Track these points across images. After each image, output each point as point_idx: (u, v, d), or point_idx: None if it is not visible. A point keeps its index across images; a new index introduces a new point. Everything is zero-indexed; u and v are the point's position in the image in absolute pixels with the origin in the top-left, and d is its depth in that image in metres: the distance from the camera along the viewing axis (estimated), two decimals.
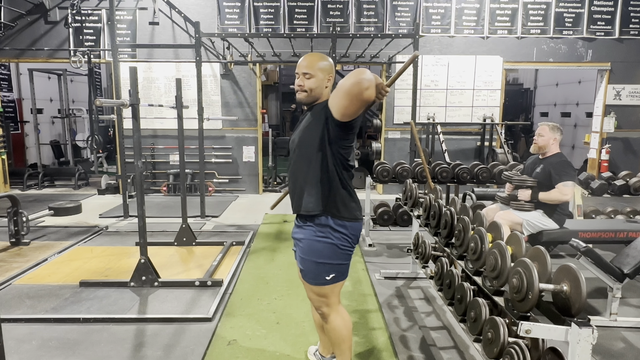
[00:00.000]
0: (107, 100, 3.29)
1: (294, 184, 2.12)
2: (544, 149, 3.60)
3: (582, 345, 1.50)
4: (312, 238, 2.07)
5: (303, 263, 2.13)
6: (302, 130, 2.08)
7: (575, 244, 2.89)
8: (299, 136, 2.08)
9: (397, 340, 2.78)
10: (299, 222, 2.17)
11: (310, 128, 2.02)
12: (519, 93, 12.05)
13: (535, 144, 3.65)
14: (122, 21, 7.21)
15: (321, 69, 2.01)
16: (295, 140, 2.10)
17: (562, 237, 3.62)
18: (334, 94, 1.88)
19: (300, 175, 2.07)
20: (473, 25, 7.30)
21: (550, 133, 3.57)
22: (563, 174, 3.42)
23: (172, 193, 7.40)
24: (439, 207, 2.88)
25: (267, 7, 7.21)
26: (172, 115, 6.97)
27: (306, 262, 2.11)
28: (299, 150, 2.07)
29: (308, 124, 2.05)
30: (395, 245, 4.79)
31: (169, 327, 2.96)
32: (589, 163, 7.97)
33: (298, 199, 2.10)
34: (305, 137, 2.05)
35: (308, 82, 2.01)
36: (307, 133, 2.04)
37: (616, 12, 7.30)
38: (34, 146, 8.68)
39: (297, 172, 2.09)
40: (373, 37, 6.55)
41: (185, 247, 4.59)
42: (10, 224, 4.52)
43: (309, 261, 2.09)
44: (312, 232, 2.07)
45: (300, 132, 2.09)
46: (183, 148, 4.63)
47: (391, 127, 7.54)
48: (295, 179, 2.10)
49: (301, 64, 2.03)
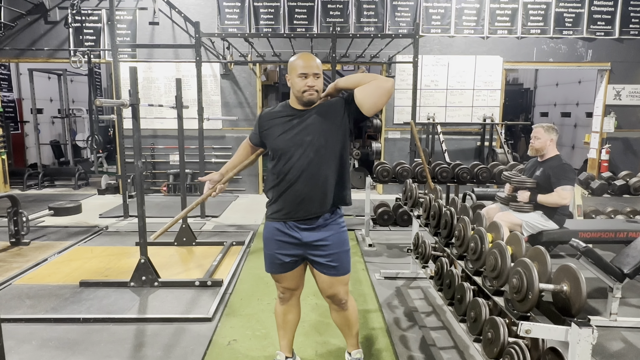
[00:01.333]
0: (107, 100, 3.30)
1: (315, 185, 2.06)
2: (542, 151, 3.58)
3: (582, 345, 1.50)
4: (339, 231, 2.17)
5: (336, 258, 2.15)
6: (320, 130, 2.05)
7: (575, 244, 2.89)
8: (318, 137, 2.04)
9: (397, 340, 2.78)
10: (315, 222, 2.11)
11: (330, 126, 2.06)
12: (519, 93, 12.05)
13: (532, 147, 3.62)
14: (122, 21, 7.21)
15: (321, 69, 2.09)
16: (314, 141, 2.04)
17: (562, 237, 3.62)
18: (367, 92, 2.01)
19: (328, 173, 2.07)
20: (473, 25, 7.30)
21: (546, 134, 3.55)
22: (562, 178, 3.41)
23: (172, 193, 7.40)
24: (439, 207, 2.88)
25: (267, 7, 7.21)
26: (172, 115, 6.97)
27: (340, 255, 2.16)
28: (324, 151, 2.05)
29: (323, 122, 2.05)
30: (395, 245, 4.79)
31: (169, 327, 2.96)
32: (589, 163, 7.97)
33: (323, 198, 2.08)
34: (328, 135, 2.05)
35: (318, 82, 2.05)
36: (328, 132, 2.05)
37: (616, 12, 7.30)
38: (34, 146, 8.68)
39: (321, 172, 2.06)
40: (373, 37, 6.55)
41: (185, 247, 4.59)
42: (10, 224, 4.52)
43: (342, 252, 2.17)
44: (338, 226, 2.17)
45: (317, 133, 2.05)
46: (183, 148, 4.63)
47: (391, 127, 7.54)
48: (318, 179, 2.06)
49: (311, 65, 2.02)
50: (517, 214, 3.55)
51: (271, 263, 2.23)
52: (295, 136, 2.07)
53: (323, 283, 2.22)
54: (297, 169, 2.06)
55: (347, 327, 2.37)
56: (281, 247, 2.16)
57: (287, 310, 2.37)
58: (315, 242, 2.12)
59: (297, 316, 2.42)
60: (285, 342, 2.43)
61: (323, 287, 2.24)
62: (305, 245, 2.14)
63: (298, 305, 2.41)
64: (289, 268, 2.22)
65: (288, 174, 2.07)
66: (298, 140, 2.06)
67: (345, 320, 2.35)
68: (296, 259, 2.19)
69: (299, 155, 2.05)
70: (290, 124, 2.09)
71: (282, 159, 2.09)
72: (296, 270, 2.24)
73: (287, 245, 2.15)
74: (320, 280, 2.22)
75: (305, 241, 2.12)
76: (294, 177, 2.06)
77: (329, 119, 2.06)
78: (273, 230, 2.18)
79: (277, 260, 2.20)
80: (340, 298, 2.25)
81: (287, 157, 2.07)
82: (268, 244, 2.22)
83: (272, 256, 2.21)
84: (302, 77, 2.02)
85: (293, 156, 2.06)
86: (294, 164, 2.06)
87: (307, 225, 2.12)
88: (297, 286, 2.32)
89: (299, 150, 2.05)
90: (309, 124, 2.07)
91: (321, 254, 2.14)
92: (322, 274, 2.19)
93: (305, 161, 2.05)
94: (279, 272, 2.24)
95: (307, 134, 2.06)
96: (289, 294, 2.32)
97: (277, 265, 2.21)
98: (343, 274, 2.20)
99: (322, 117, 2.06)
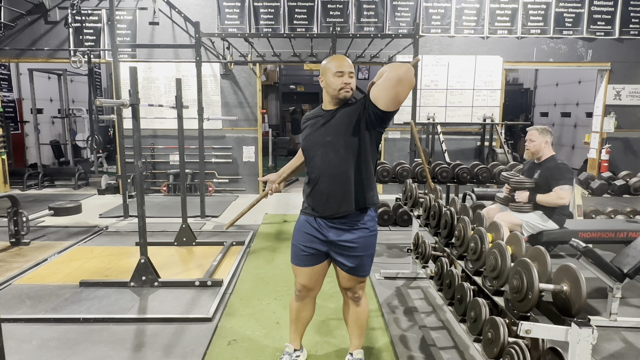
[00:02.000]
0: (107, 100, 3.30)
1: (337, 184, 2.10)
2: (538, 154, 3.59)
3: (582, 345, 1.50)
4: (367, 235, 2.19)
5: (359, 262, 2.19)
6: (339, 130, 2.09)
7: (575, 244, 2.89)
8: (337, 137, 2.08)
9: (397, 341, 2.78)
10: (344, 223, 2.15)
11: (348, 125, 2.08)
12: (519, 93, 12.06)
13: (528, 150, 3.62)
14: (122, 21, 7.21)
15: (354, 69, 2.17)
16: (333, 141, 2.08)
17: (562, 237, 3.62)
18: (378, 86, 1.97)
19: (350, 172, 2.09)
20: (473, 25, 7.30)
21: (541, 137, 3.55)
22: (560, 178, 3.41)
23: (172, 193, 7.40)
24: (439, 207, 2.88)
25: (267, 7, 7.21)
26: (172, 115, 6.97)
27: (364, 259, 2.20)
28: (343, 151, 2.08)
29: (343, 122, 2.09)
30: (395, 245, 4.79)
31: (169, 327, 2.96)
32: (589, 163, 7.97)
33: (346, 198, 2.11)
34: (347, 135, 2.08)
35: (353, 81, 2.12)
36: (346, 131, 2.08)
37: (616, 12, 7.30)
38: (34, 146, 8.68)
39: (342, 171, 2.09)
40: (373, 37, 6.55)
41: (185, 247, 4.59)
42: (10, 224, 4.52)
43: (366, 256, 2.21)
44: (367, 230, 2.18)
45: (337, 133, 2.09)
46: (183, 148, 4.62)
47: (391, 127, 7.54)
48: (339, 178, 2.09)
49: (345, 64, 2.09)
50: (517, 214, 3.55)
51: (295, 254, 2.29)
52: (319, 137, 2.15)
53: (342, 277, 2.29)
54: (319, 168, 2.14)
55: (356, 324, 2.40)
56: (307, 240, 2.23)
57: (301, 307, 2.42)
58: (341, 242, 2.17)
59: (311, 314, 2.47)
60: (295, 335, 2.50)
61: (342, 281, 2.31)
62: (331, 244, 2.19)
63: (313, 305, 2.45)
64: (310, 262, 2.26)
65: (312, 173, 2.17)
66: (320, 141, 2.13)
67: (356, 317, 2.38)
68: (319, 253, 2.23)
69: (321, 155, 2.13)
70: (317, 125, 2.17)
71: (307, 158, 2.21)
72: (316, 267, 2.28)
73: (313, 239, 2.21)
74: (340, 274, 2.28)
75: (331, 239, 2.17)
76: (317, 176, 2.15)
77: (348, 119, 2.10)
78: (303, 223, 2.25)
79: (301, 252, 2.26)
80: (356, 292, 2.31)
81: (311, 157, 2.17)
82: (296, 235, 2.29)
83: (297, 247, 2.28)
84: (339, 74, 2.08)
85: (316, 156, 2.15)
86: (316, 163, 2.14)
87: (335, 225, 2.16)
88: (314, 286, 2.35)
89: (320, 150, 2.13)
90: (332, 124, 2.12)
91: (345, 254, 2.19)
92: (342, 270, 2.25)
93: (326, 161, 2.11)
94: (300, 265, 2.28)
95: (328, 134, 2.11)
96: (305, 292, 2.36)
97: (300, 257, 2.27)
98: (363, 276, 2.27)
99: (343, 117, 2.11)
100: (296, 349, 2.51)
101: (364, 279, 2.30)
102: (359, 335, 2.43)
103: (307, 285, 2.33)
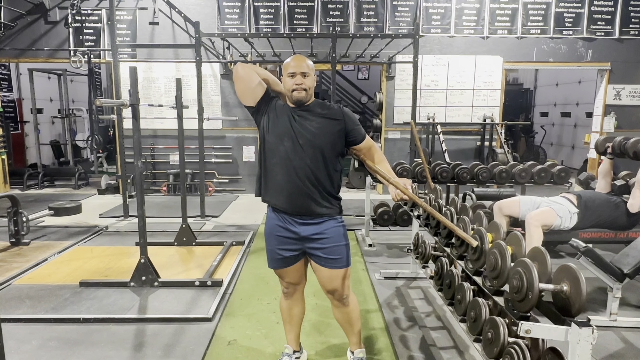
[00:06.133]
0: (107, 100, 3.30)
1: (306, 183, 2.11)
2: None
3: (582, 345, 1.50)
4: (335, 225, 2.20)
5: (335, 251, 2.19)
6: (321, 132, 2.13)
7: (575, 244, 2.89)
8: (317, 138, 2.11)
9: (397, 340, 2.78)
10: (310, 219, 2.16)
11: (330, 132, 2.14)
12: (519, 93, 12.06)
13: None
14: (122, 21, 7.21)
15: (312, 69, 2.17)
16: (312, 140, 2.11)
17: (562, 237, 3.62)
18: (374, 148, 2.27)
19: (319, 173, 2.12)
20: (473, 25, 7.30)
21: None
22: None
23: (172, 193, 7.40)
24: (439, 207, 2.88)
25: (267, 7, 7.21)
26: (172, 115, 6.97)
27: (340, 248, 2.20)
28: (317, 151, 2.11)
29: (324, 127, 2.14)
30: (395, 245, 4.79)
31: (169, 327, 2.96)
32: (589, 163, 7.97)
33: (312, 198, 2.13)
34: (327, 138, 2.13)
35: (307, 81, 2.12)
36: (327, 136, 2.13)
37: (616, 12, 7.30)
38: (34, 146, 8.68)
39: (313, 170, 2.11)
40: (373, 37, 6.55)
41: (185, 247, 4.59)
42: (10, 224, 4.52)
43: (342, 246, 2.21)
44: (334, 221, 2.20)
45: (319, 135, 2.12)
46: (183, 148, 4.62)
47: (391, 127, 7.54)
48: (309, 177, 2.11)
49: (299, 65, 2.13)
50: (555, 208, 3.56)
51: (272, 258, 2.29)
52: (299, 131, 2.18)
53: (323, 277, 2.25)
54: (291, 161, 2.19)
55: (348, 324, 2.40)
56: (280, 242, 2.23)
57: (291, 304, 2.43)
58: (308, 236, 2.18)
59: (302, 310, 2.48)
60: (292, 336, 2.50)
61: (323, 282, 2.27)
62: (304, 239, 2.20)
63: (302, 300, 2.46)
64: (290, 263, 2.27)
65: (276, 165, 2.25)
66: (305, 137, 2.17)
67: (346, 317, 2.38)
68: (296, 253, 2.24)
69: (297, 150, 2.17)
70: (286, 119, 2.20)
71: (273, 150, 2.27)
72: (297, 264, 2.29)
73: (286, 240, 2.22)
74: (321, 274, 2.25)
75: (303, 234, 2.18)
76: (291, 169, 2.21)
77: (328, 128, 2.16)
78: (273, 226, 2.25)
79: (277, 256, 2.26)
80: (341, 293, 2.29)
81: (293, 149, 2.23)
82: (269, 240, 2.29)
83: (272, 251, 2.28)
84: (290, 75, 2.12)
85: (293, 148, 2.19)
86: (290, 156, 2.20)
87: (299, 219, 2.18)
88: (299, 280, 2.37)
89: (300, 145, 2.17)
90: (313, 125, 2.17)
91: (319, 247, 2.18)
92: (322, 267, 2.22)
93: (302, 157, 2.16)
94: (280, 267, 2.29)
95: (309, 134, 2.16)
96: (292, 288, 2.38)
97: (277, 261, 2.27)
98: (342, 267, 2.23)
99: (324, 122, 2.16)
100: (295, 350, 2.51)
101: (345, 273, 2.26)
102: (355, 333, 2.43)
103: (292, 281, 2.35)
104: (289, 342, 2.52)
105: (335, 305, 2.37)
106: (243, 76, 2.15)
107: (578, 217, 3.60)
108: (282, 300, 2.45)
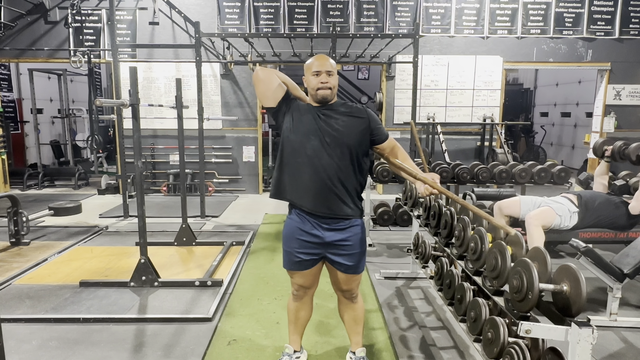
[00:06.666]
0: (107, 100, 3.29)
1: (333, 181, 2.10)
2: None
3: (582, 345, 1.50)
4: (358, 232, 2.22)
5: (353, 258, 2.21)
6: (348, 130, 2.12)
7: (575, 244, 2.89)
8: (344, 136, 2.10)
9: (397, 340, 2.78)
10: (335, 223, 2.15)
11: (356, 130, 2.14)
12: (519, 93, 12.06)
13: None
14: (122, 21, 7.21)
15: (335, 68, 2.19)
16: (338, 137, 2.10)
17: (562, 237, 3.62)
18: (397, 147, 2.29)
19: (346, 171, 2.12)
20: (473, 25, 7.30)
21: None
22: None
23: (172, 193, 7.40)
24: (439, 207, 2.88)
25: (267, 7, 7.21)
26: (172, 115, 6.97)
27: (358, 255, 2.22)
28: (345, 148, 2.10)
29: (350, 125, 2.13)
30: (395, 245, 4.79)
31: (169, 327, 2.96)
32: (589, 163, 7.97)
33: (339, 197, 2.12)
34: (353, 136, 2.12)
35: (332, 80, 2.14)
36: (353, 134, 2.13)
37: (616, 12, 7.30)
38: (34, 146, 8.68)
39: (341, 168, 2.11)
40: (373, 37, 6.55)
41: (185, 247, 4.59)
42: (10, 224, 4.52)
43: (360, 253, 2.23)
44: (358, 228, 2.22)
45: (345, 133, 2.11)
46: (183, 148, 4.62)
47: (391, 127, 7.53)
48: (337, 174, 2.10)
49: (323, 63, 2.13)
50: (554, 207, 3.57)
51: (289, 260, 2.29)
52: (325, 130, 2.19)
53: (340, 279, 2.28)
54: (317, 162, 2.20)
55: (354, 322, 2.42)
56: (301, 246, 2.23)
57: (299, 307, 2.44)
58: (332, 242, 2.18)
59: (309, 313, 2.49)
60: (295, 337, 2.51)
61: (339, 284, 2.31)
62: (328, 245, 2.20)
63: (311, 303, 2.47)
64: (308, 266, 2.27)
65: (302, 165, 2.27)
66: (332, 136, 2.17)
67: (353, 314, 2.40)
68: (316, 257, 2.24)
69: (324, 150, 2.17)
70: (311, 119, 2.20)
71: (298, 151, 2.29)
72: (314, 269, 2.29)
73: (308, 244, 2.21)
74: (338, 277, 2.28)
75: (327, 240, 2.18)
76: (319, 170, 2.22)
77: (356, 126, 2.16)
78: (295, 229, 2.25)
79: (295, 259, 2.25)
80: (352, 292, 2.34)
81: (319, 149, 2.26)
82: (288, 242, 2.28)
83: (290, 254, 2.27)
84: (315, 74, 2.14)
85: (319, 149, 2.19)
86: (316, 156, 2.21)
87: (325, 224, 2.17)
88: (311, 284, 2.37)
89: (328, 144, 2.18)
90: (339, 123, 2.18)
91: (342, 253, 2.20)
92: (340, 272, 2.24)
93: (328, 158, 2.16)
94: (296, 270, 2.29)
95: (337, 132, 2.17)
96: (302, 291, 2.38)
97: (294, 263, 2.27)
98: (359, 272, 2.28)
99: (351, 122, 2.18)
100: (296, 350, 2.51)
101: (360, 276, 2.32)
102: (358, 332, 2.45)
103: (304, 284, 2.34)
104: (290, 342, 2.52)
105: (343, 303, 2.40)
106: (263, 78, 2.16)
107: (578, 217, 3.60)
108: (291, 301, 2.46)
